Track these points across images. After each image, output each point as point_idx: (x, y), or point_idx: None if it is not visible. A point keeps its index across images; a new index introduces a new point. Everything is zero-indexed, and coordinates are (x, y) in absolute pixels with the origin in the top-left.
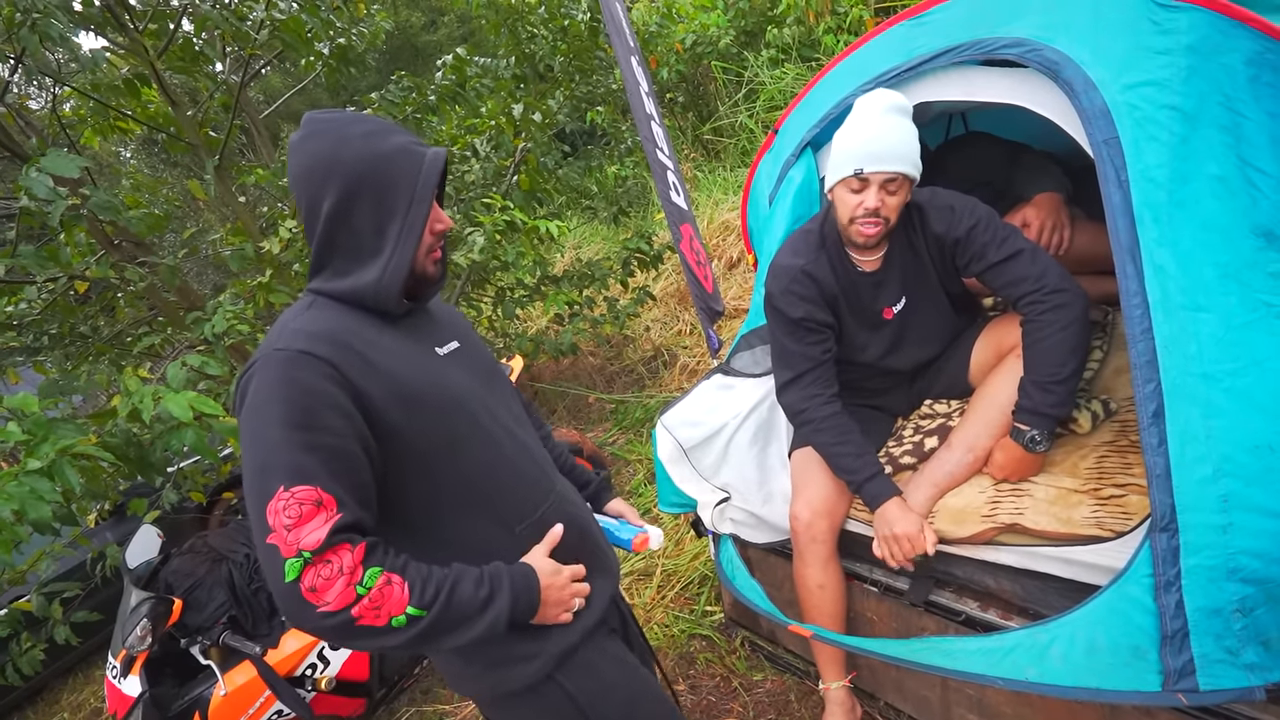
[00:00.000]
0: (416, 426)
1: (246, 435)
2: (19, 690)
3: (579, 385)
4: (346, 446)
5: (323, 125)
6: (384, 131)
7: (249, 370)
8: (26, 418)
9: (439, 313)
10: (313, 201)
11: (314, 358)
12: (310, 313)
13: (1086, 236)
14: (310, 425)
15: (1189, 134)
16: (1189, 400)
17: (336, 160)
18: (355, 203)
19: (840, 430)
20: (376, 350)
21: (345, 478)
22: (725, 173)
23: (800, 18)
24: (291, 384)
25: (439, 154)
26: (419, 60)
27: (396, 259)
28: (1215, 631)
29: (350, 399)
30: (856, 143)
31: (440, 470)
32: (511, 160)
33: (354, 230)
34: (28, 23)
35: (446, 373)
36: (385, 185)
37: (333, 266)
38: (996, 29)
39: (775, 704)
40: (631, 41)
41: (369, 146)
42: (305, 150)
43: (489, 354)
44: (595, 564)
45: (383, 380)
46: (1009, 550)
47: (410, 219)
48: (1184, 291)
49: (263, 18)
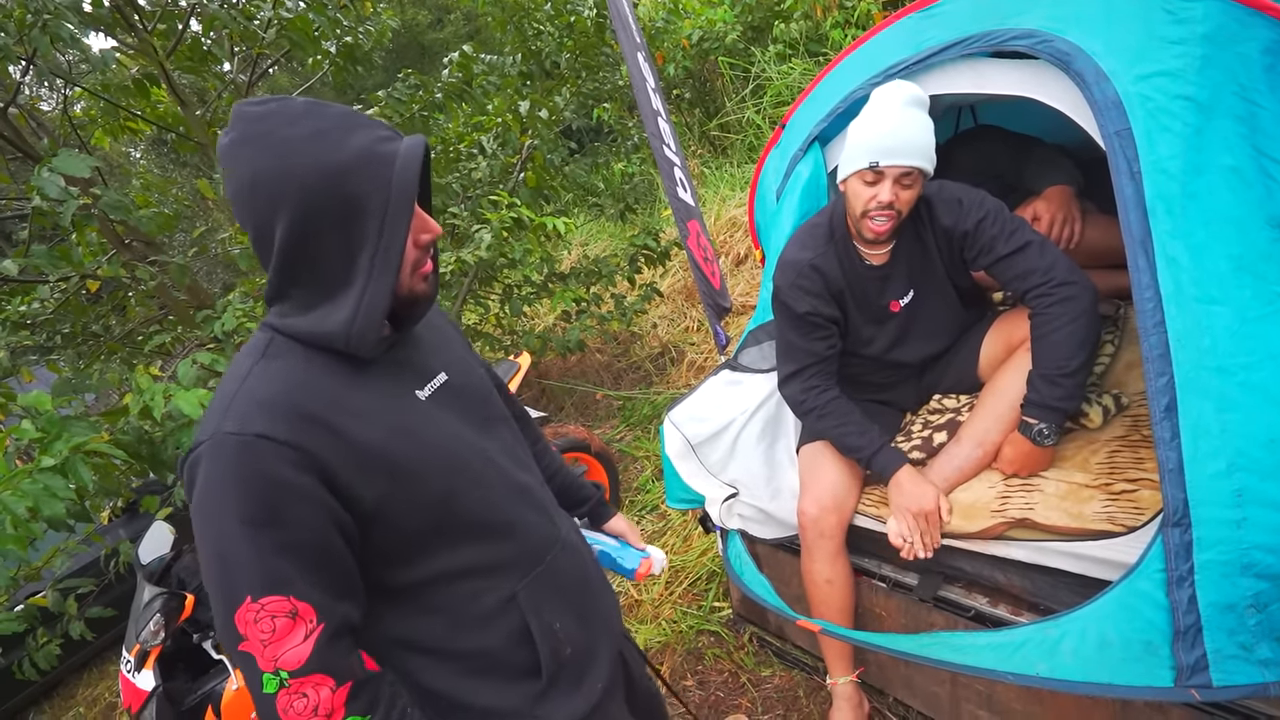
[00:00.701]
0: (400, 503)
1: (201, 530)
2: (35, 685)
3: (586, 382)
4: (321, 540)
5: (258, 126)
6: (338, 129)
7: (196, 451)
8: (40, 416)
9: (423, 332)
10: (260, 226)
11: (274, 443)
12: (266, 365)
13: (1098, 230)
14: (277, 522)
15: (1203, 125)
16: (1202, 394)
17: (283, 177)
18: (313, 230)
19: (842, 413)
20: (347, 415)
21: (323, 576)
22: (732, 169)
23: (807, 12)
24: (250, 476)
25: (414, 147)
26: (425, 58)
27: (371, 293)
28: (1229, 627)
29: (322, 483)
30: (873, 136)
31: (430, 542)
32: (518, 157)
33: (315, 261)
34: (39, 24)
35: (433, 424)
36: (350, 205)
37: (293, 298)
38: (1006, 20)
39: (784, 700)
40: (638, 38)
41: (322, 155)
42: (240, 162)
43: (480, 376)
44: (597, 621)
45: (357, 455)
46: (1019, 545)
47: (386, 242)
48: (1197, 284)
49: (270, 17)
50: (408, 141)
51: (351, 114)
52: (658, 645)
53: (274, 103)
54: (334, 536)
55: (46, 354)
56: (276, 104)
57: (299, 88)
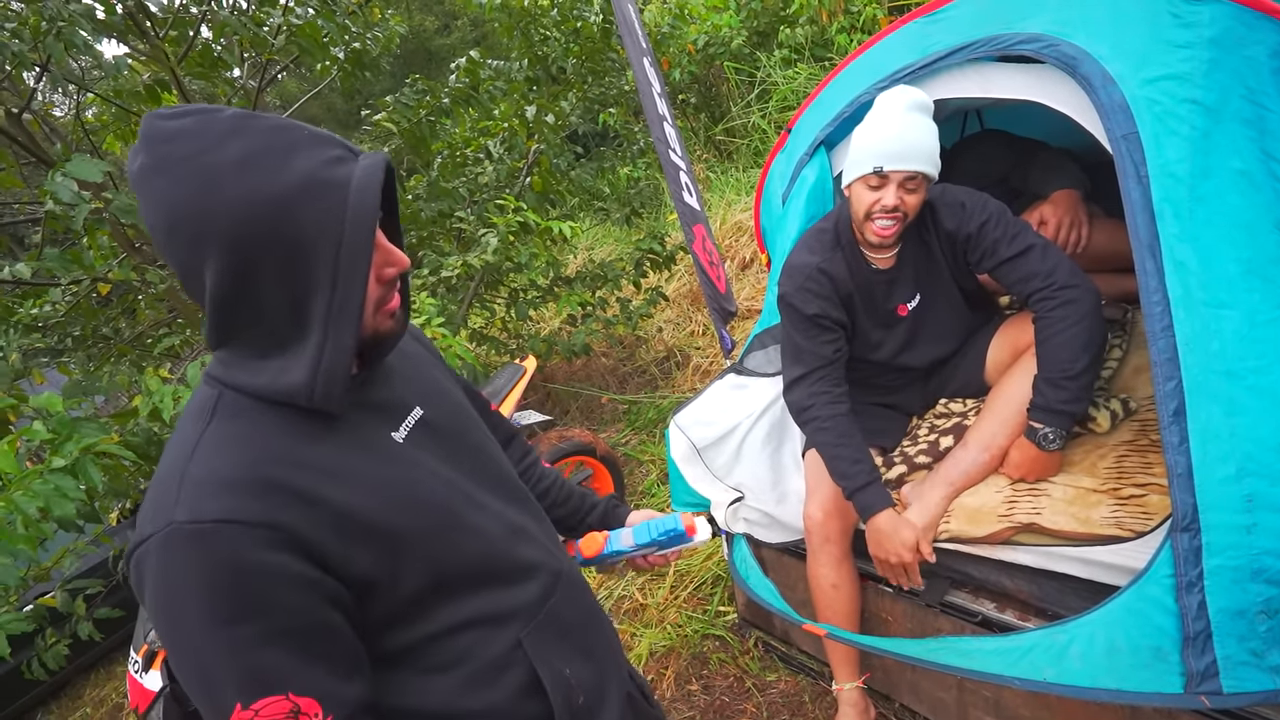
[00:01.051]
0: (391, 567)
1: (167, 635)
2: (43, 685)
3: (592, 386)
4: (316, 621)
5: (173, 149)
6: (275, 150)
7: (143, 546)
8: (51, 417)
9: (393, 361)
10: (186, 268)
11: (240, 526)
12: (216, 431)
13: (1105, 234)
14: (259, 613)
15: (1211, 128)
16: (1211, 398)
17: (207, 215)
18: (250, 276)
19: (842, 432)
20: (319, 477)
21: (324, 660)
22: (738, 173)
23: (813, 17)
24: (216, 569)
25: (372, 169)
26: (432, 64)
27: (332, 349)
28: (1239, 633)
29: (305, 559)
30: (877, 140)
31: (426, 599)
32: (524, 162)
33: (258, 311)
34: (54, 31)
35: (416, 472)
36: (294, 246)
37: (238, 348)
38: (1012, 25)
39: (789, 705)
40: (644, 43)
41: (256, 185)
42: (154, 193)
43: (458, 403)
44: (605, 657)
45: (339, 522)
46: (1026, 550)
47: (344, 288)
48: (1206, 288)
49: (280, 23)
50: (364, 162)
51: (291, 128)
52: (663, 649)
53: (192, 117)
54: (329, 613)
55: (57, 356)
56: (195, 119)
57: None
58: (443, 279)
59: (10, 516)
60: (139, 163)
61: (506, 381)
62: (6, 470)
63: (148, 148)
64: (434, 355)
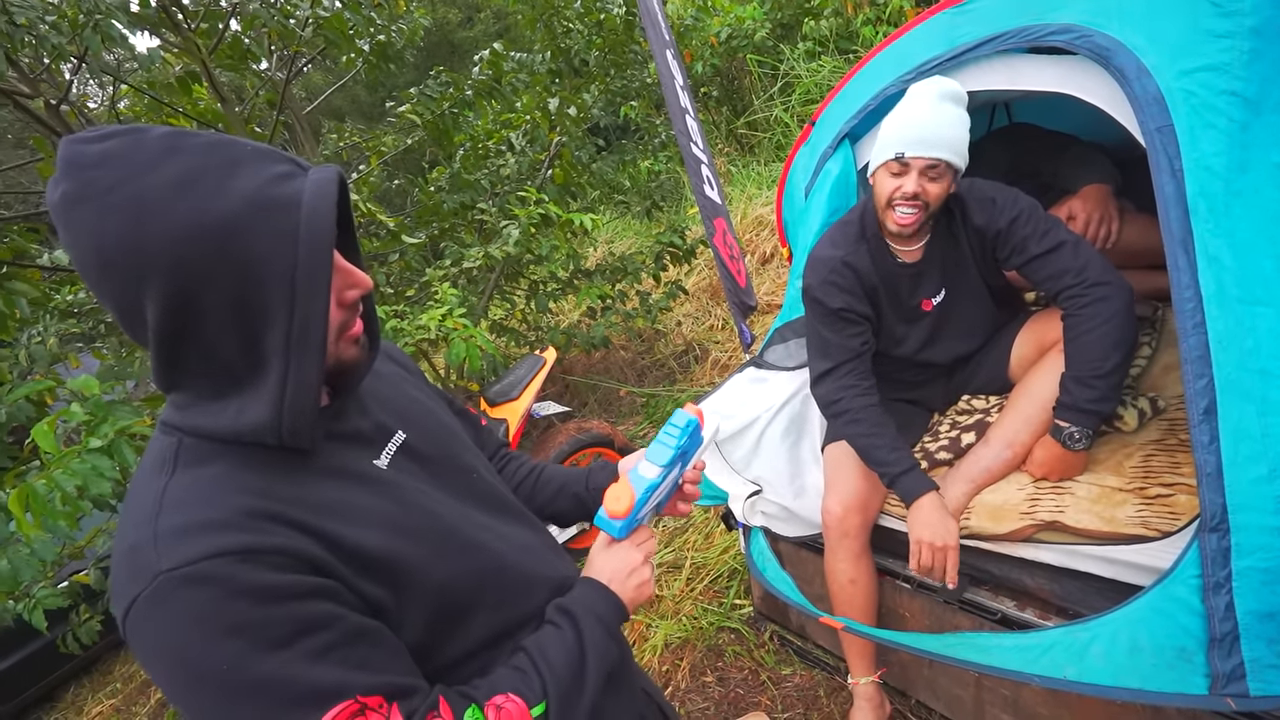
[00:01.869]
0: (393, 598)
1: (193, 692)
2: (75, 661)
3: (610, 379)
4: (352, 624)
5: (99, 176)
6: (214, 169)
7: (132, 610)
8: (88, 400)
9: (367, 387)
10: (123, 307)
11: (235, 557)
12: (182, 479)
13: (1136, 229)
14: (298, 630)
15: (1250, 120)
16: (1244, 397)
17: (142, 246)
18: (196, 311)
19: (875, 423)
20: (302, 510)
21: (378, 655)
22: (759, 167)
23: (838, 9)
24: (230, 602)
25: (323, 183)
26: (455, 56)
27: (295, 384)
28: (1268, 636)
29: (315, 573)
30: (901, 126)
31: (436, 629)
32: (546, 154)
33: (207, 348)
34: (90, 23)
35: (403, 497)
36: (242, 276)
37: (190, 390)
38: (1044, 15)
39: (804, 698)
40: (667, 35)
41: (193, 212)
42: (78, 225)
43: (439, 418)
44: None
45: (334, 552)
46: (1048, 548)
47: (302, 316)
48: (1241, 284)
49: (308, 15)
50: (314, 176)
51: (230, 144)
52: (678, 641)
53: (118, 139)
54: (360, 617)
55: (91, 342)
56: (121, 140)
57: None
58: (464, 270)
59: (50, 493)
60: (60, 191)
61: (527, 372)
62: (46, 449)
63: (70, 174)
64: (412, 373)
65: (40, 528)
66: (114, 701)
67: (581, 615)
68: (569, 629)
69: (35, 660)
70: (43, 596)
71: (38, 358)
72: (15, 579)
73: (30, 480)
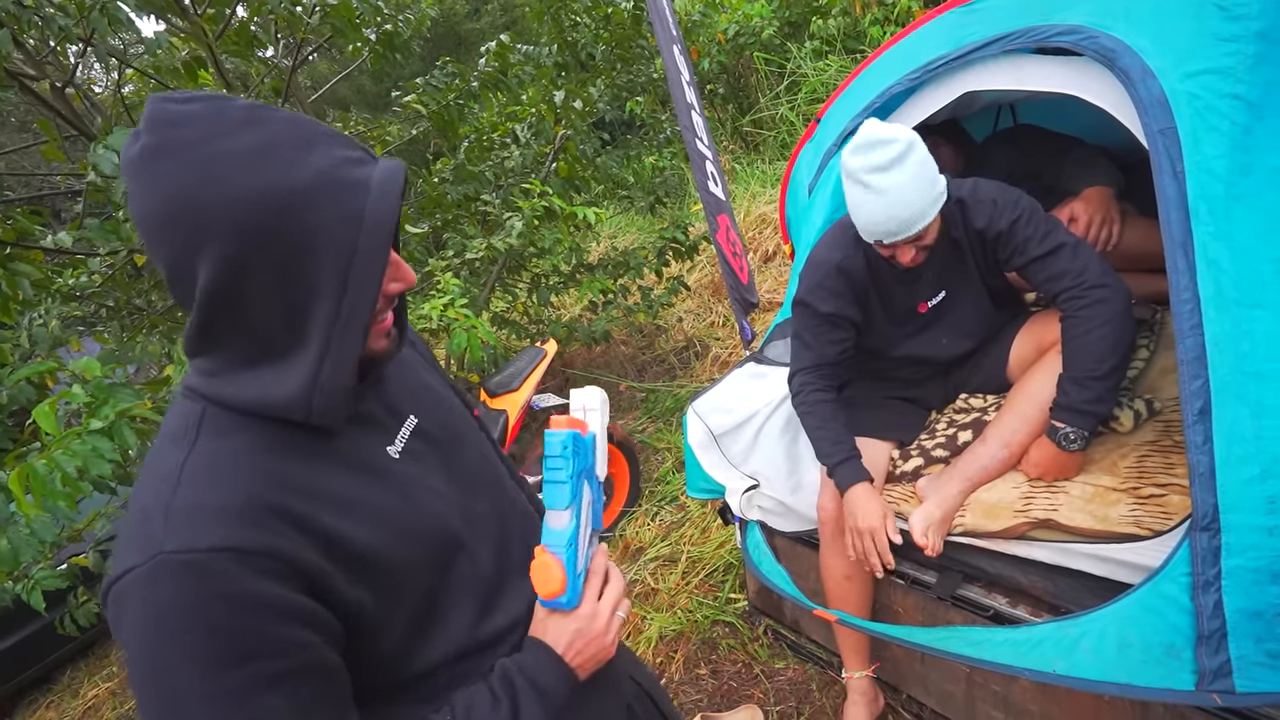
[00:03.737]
0: (382, 598)
1: (148, 681)
2: (73, 643)
3: (610, 373)
4: (315, 658)
5: (183, 134)
6: (291, 143)
7: (123, 580)
8: (89, 382)
9: (385, 370)
10: (177, 264)
11: (239, 554)
12: (204, 451)
13: (1137, 232)
14: (257, 653)
15: (1252, 124)
16: (1239, 399)
17: (213, 206)
18: (249, 274)
19: (824, 417)
20: (313, 502)
21: (324, 701)
22: (764, 165)
23: (846, 8)
24: (211, 603)
25: (392, 174)
26: (461, 48)
27: (333, 361)
28: (1256, 634)
29: (304, 592)
30: (866, 223)
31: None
32: (551, 147)
33: (251, 313)
34: (98, 6)
35: (412, 494)
36: (301, 247)
37: (222, 355)
38: (1050, 16)
39: (796, 692)
40: (674, 31)
41: (267, 180)
42: (154, 179)
43: (450, 402)
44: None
45: (337, 552)
46: (1041, 546)
47: (352, 299)
48: (1239, 287)
49: (315, 2)
50: (384, 166)
51: (307, 123)
52: (672, 634)
53: (203, 103)
54: (326, 652)
55: (92, 326)
56: (206, 104)
57: (338, 74)
58: (466, 261)
59: (51, 474)
60: (140, 144)
61: (527, 364)
62: (48, 430)
63: (153, 129)
64: (426, 358)
65: (40, 508)
66: (110, 685)
67: (522, 690)
68: (505, 703)
69: (32, 642)
70: (41, 578)
71: (39, 340)
72: (15, 559)
73: (31, 460)
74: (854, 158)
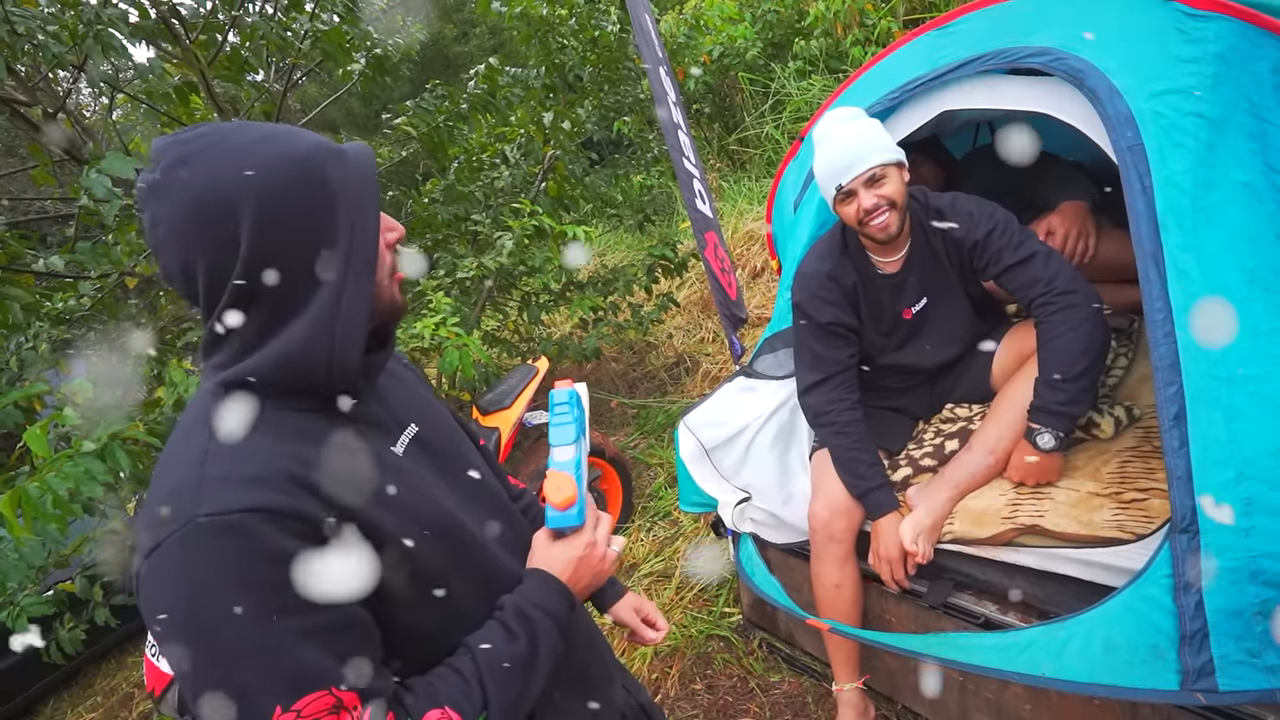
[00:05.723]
0: (395, 580)
1: (189, 641)
2: (57, 673)
3: (602, 390)
4: (349, 612)
5: (194, 146)
6: (285, 133)
7: (157, 550)
8: (80, 405)
9: (384, 381)
10: (216, 247)
11: (271, 514)
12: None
13: (1112, 244)
14: (294, 605)
15: (1215, 141)
16: (1212, 404)
17: (240, 180)
18: (283, 228)
19: (859, 437)
20: (332, 481)
21: (360, 652)
22: (750, 183)
23: (828, 29)
24: (253, 559)
25: (364, 149)
26: (450, 70)
27: (349, 297)
28: (1236, 633)
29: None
30: (825, 165)
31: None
32: (540, 167)
33: (285, 269)
34: (91, 33)
35: (418, 486)
36: (317, 199)
37: (245, 334)
38: (1022, 38)
39: (792, 705)
40: (660, 52)
41: (278, 150)
42: (180, 185)
43: (446, 418)
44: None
45: (357, 529)
46: (1028, 552)
47: (359, 241)
48: (1208, 296)
49: (307, 29)
50: (354, 144)
51: (290, 127)
52: (667, 649)
53: (199, 128)
54: (358, 608)
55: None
56: (202, 128)
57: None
58: (457, 280)
59: (43, 496)
60: (166, 164)
61: (519, 382)
62: (39, 453)
63: (164, 157)
64: (422, 381)
65: (31, 530)
66: (94, 715)
67: (538, 621)
68: (523, 636)
69: (14, 672)
70: (27, 604)
71: (29, 363)
72: (2, 583)
73: (22, 484)
74: (822, 122)
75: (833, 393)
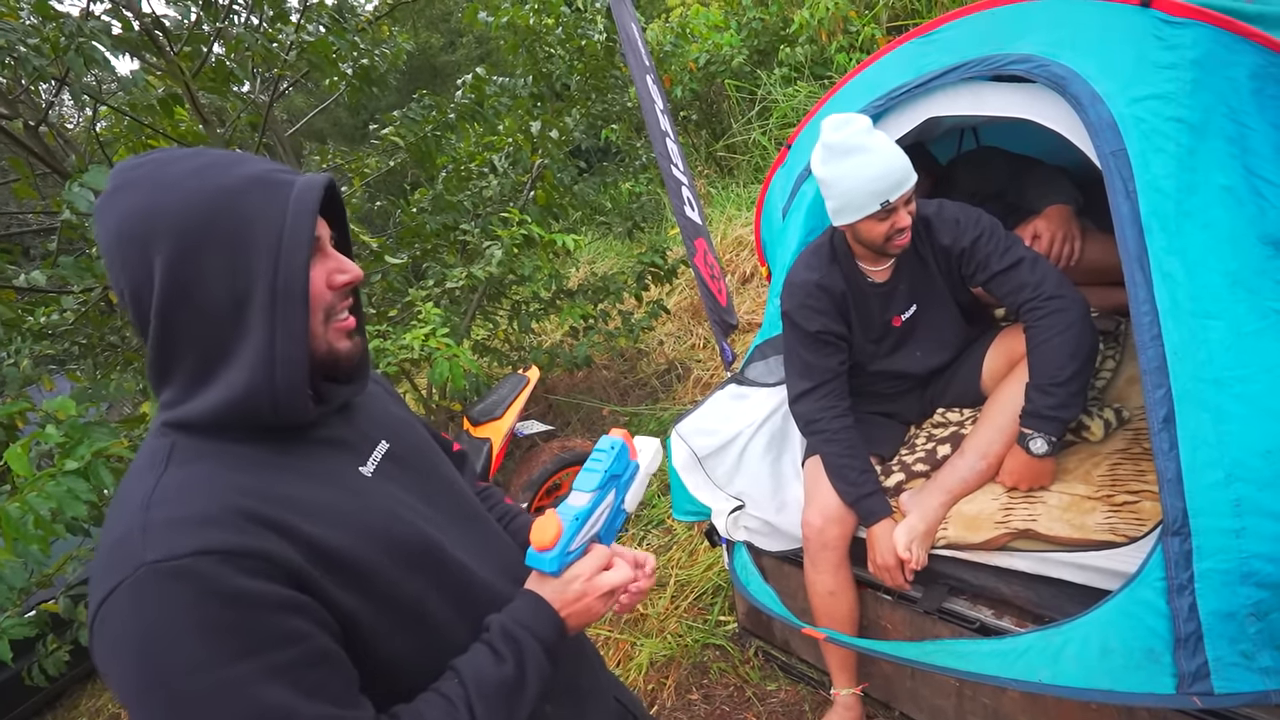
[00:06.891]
0: (368, 605)
1: (144, 693)
2: (41, 694)
3: (593, 398)
4: (315, 647)
5: (134, 173)
6: (226, 161)
7: (108, 599)
8: (63, 422)
9: (354, 401)
10: (135, 279)
11: (223, 555)
12: (173, 475)
13: (1098, 247)
14: (258, 646)
15: (1196, 145)
16: (1200, 406)
17: (155, 211)
18: (195, 264)
19: (850, 444)
20: (288, 510)
21: (328, 688)
22: (738, 189)
23: (813, 36)
24: (205, 602)
25: (314, 179)
26: (438, 80)
27: (282, 337)
28: (1230, 635)
29: (292, 586)
30: (868, 180)
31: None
32: (529, 176)
33: (202, 308)
34: (74, 46)
35: (387, 505)
36: (235, 233)
37: (184, 372)
38: (1005, 46)
39: (789, 714)
40: (646, 61)
41: (206, 182)
42: (113, 210)
43: (420, 433)
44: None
45: (313, 556)
46: (1022, 556)
47: (284, 272)
48: (1193, 299)
49: (292, 40)
50: (309, 176)
51: (249, 155)
52: (663, 659)
53: (155, 152)
54: (325, 640)
55: (64, 365)
56: (158, 153)
57: (315, 108)
58: (446, 290)
59: (24, 516)
60: (106, 193)
61: (510, 391)
62: (20, 473)
63: (111, 182)
64: (392, 395)
65: (12, 552)
66: None
67: (525, 641)
68: (510, 659)
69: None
70: (9, 626)
71: (10, 379)
72: None
73: (3, 504)
74: (837, 133)
75: (823, 400)
